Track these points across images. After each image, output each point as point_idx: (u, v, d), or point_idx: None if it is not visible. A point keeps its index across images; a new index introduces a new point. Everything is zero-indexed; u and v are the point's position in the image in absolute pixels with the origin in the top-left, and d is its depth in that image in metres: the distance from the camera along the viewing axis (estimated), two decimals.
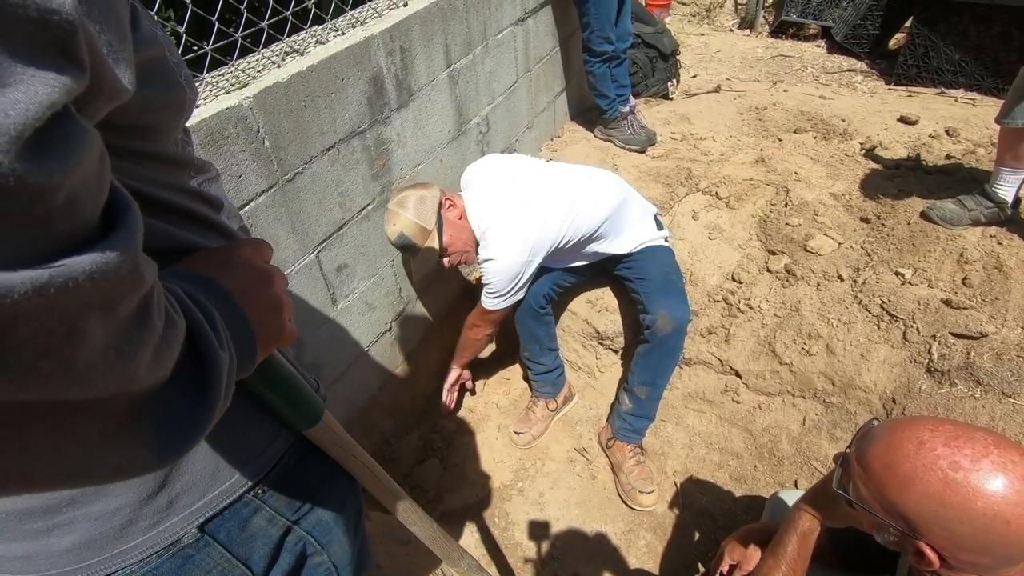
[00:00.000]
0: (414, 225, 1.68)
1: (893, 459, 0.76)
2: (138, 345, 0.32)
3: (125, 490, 0.53)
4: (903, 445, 0.76)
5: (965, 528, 0.71)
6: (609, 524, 1.95)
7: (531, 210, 1.71)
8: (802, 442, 1.96)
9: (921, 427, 0.77)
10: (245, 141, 1.31)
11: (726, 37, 4.87)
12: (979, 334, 1.73)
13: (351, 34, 1.59)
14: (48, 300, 0.26)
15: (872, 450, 0.80)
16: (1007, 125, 1.82)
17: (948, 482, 0.71)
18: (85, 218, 0.29)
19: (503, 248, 1.69)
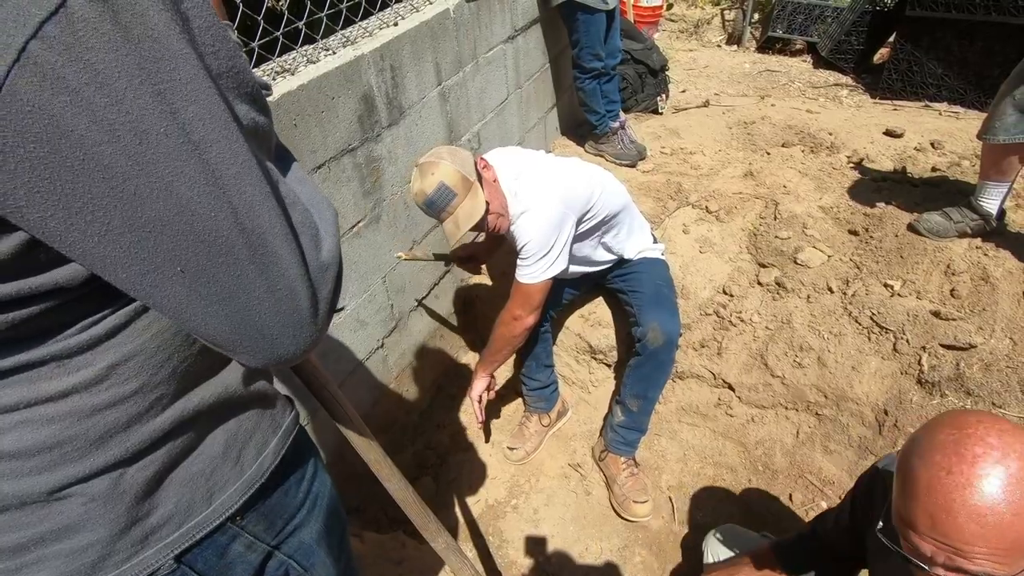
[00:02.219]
0: (457, 174, 1.50)
1: (1007, 530, 0.70)
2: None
3: (97, 526, 0.53)
4: (938, 489, 0.73)
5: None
6: (605, 541, 1.93)
7: (560, 170, 1.69)
8: (796, 455, 1.96)
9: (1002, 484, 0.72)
10: None
11: (714, 53, 4.94)
12: (968, 345, 1.74)
13: (342, 53, 1.61)
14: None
15: (921, 519, 0.74)
16: (988, 141, 1.85)
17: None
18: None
19: (538, 201, 1.60)
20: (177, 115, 0.39)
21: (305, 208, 0.53)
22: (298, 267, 0.49)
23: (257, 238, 0.45)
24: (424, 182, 1.50)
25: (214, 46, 0.42)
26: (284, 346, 0.50)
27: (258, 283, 0.46)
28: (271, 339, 0.49)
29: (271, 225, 0.46)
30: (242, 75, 0.46)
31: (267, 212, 0.46)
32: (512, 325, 1.73)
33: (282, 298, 0.48)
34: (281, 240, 0.47)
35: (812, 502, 1.88)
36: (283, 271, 0.47)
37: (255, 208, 0.44)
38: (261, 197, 0.45)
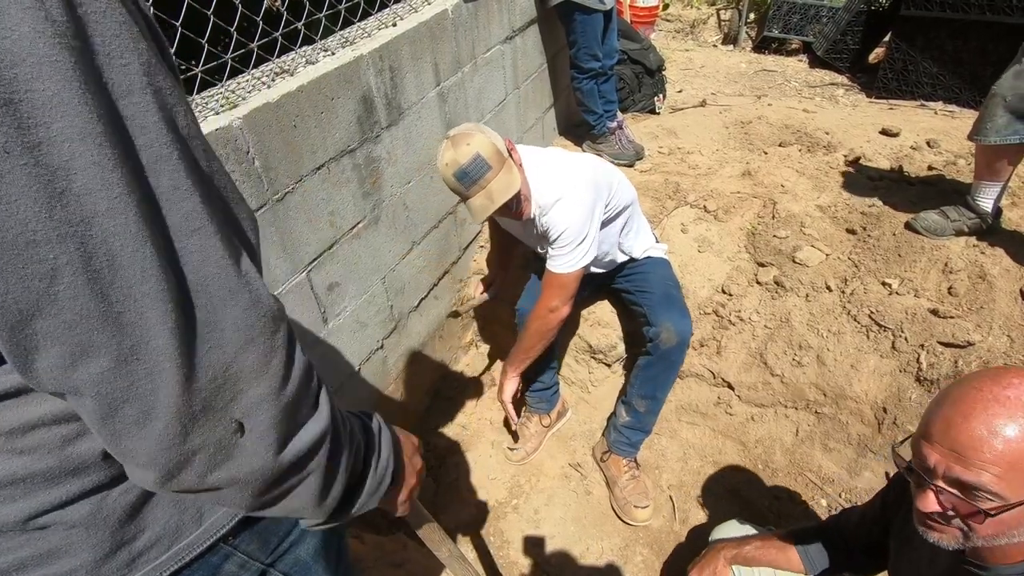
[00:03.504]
0: (492, 146, 1.46)
1: (986, 422, 0.76)
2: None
3: (80, 551, 0.52)
4: (964, 399, 0.78)
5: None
6: (605, 540, 1.93)
7: (579, 159, 1.71)
8: (795, 453, 1.97)
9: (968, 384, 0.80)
10: (235, 161, 1.31)
11: (710, 53, 4.96)
12: (966, 343, 1.75)
13: (341, 54, 1.60)
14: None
15: (1006, 448, 0.76)
16: (979, 142, 1.86)
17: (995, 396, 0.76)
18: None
19: (570, 188, 1.58)
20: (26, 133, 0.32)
21: (252, 305, 0.44)
22: (169, 350, 0.39)
23: (117, 289, 0.37)
24: (458, 152, 1.44)
25: (123, 58, 0.37)
26: (129, 448, 0.41)
27: (108, 345, 0.38)
28: (113, 427, 0.40)
29: (139, 280, 0.37)
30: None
31: (137, 263, 0.37)
32: (548, 318, 1.71)
33: (136, 380, 0.39)
34: (152, 303, 0.38)
35: (812, 500, 1.89)
36: (145, 343, 0.38)
37: (117, 254, 0.36)
38: (132, 240, 0.37)
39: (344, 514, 0.60)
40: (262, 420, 0.46)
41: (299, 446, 0.50)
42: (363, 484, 0.61)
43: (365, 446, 0.62)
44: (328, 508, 0.56)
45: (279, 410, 0.47)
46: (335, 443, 0.54)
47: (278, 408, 0.47)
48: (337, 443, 0.55)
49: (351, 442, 0.58)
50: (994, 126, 1.79)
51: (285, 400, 0.48)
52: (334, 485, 0.55)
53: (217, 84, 1.41)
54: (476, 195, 1.49)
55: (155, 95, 0.38)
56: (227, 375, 0.43)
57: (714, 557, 1.37)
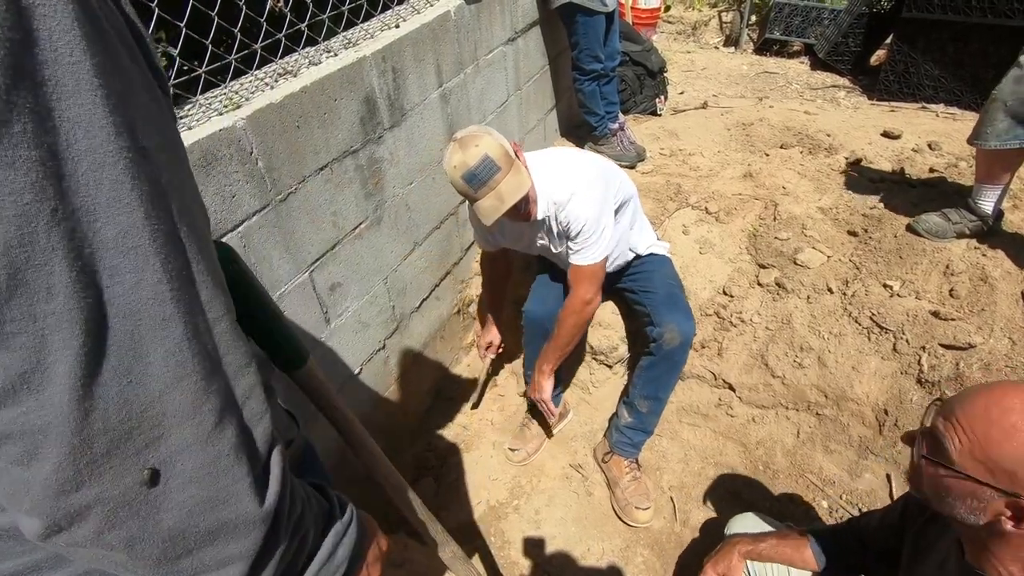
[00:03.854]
0: (501, 148, 1.46)
1: (996, 414, 0.78)
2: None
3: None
4: (1007, 400, 0.79)
5: None
6: (606, 541, 1.93)
7: (580, 155, 1.73)
8: (796, 455, 1.97)
9: (1005, 383, 0.81)
10: (238, 162, 1.31)
11: (712, 54, 4.96)
12: (967, 345, 1.75)
13: (344, 55, 1.61)
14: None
15: (970, 410, 0.81)
16: (979, 146, 1.86)
17: None
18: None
19: (582, 181, 1.62)
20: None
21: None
22: (69, 381, 0.34)
23: (14, 308, 0.32)
24: (467, 154, 1.43)
25: (73, 55, 0.34)
26: (11, 492, 0.36)
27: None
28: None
29: (43, 298, 0.33)
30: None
31: (42, 279, 0.33)
32: (584, 311, 1.73)
33: (25, 411, 0.34)
34: (56, 325, 0.33)
35: (813, 501, 1.89)
36: (41, 370, 0.33)
37: (20, 268, 0.32)
38: (40, 253, 0.32)
39: None
40: (182, 471, 0.40)
41: (224, 515, 0.43)
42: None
43: (315, 543, 0.54)
44: None
45: (205, 463, 0.41)
46: (273, 531, 0.47)
47: (204, 460, 0.41)
48: (276, 533, 0.47)
49: (295, 535, 0.50)
50: (994, 131, 1.79)
51: (215, 451, 0.42)
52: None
53: (221, 85, 1.41)
54: (485, 197, 1.48)
55: (107, 98, 0.35)
56: (144, 416, 0.38)
57: (729, 551, 1.36)
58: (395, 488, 0.91)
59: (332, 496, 0.60)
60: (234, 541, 0.44)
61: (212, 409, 0.42)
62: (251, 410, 0.46)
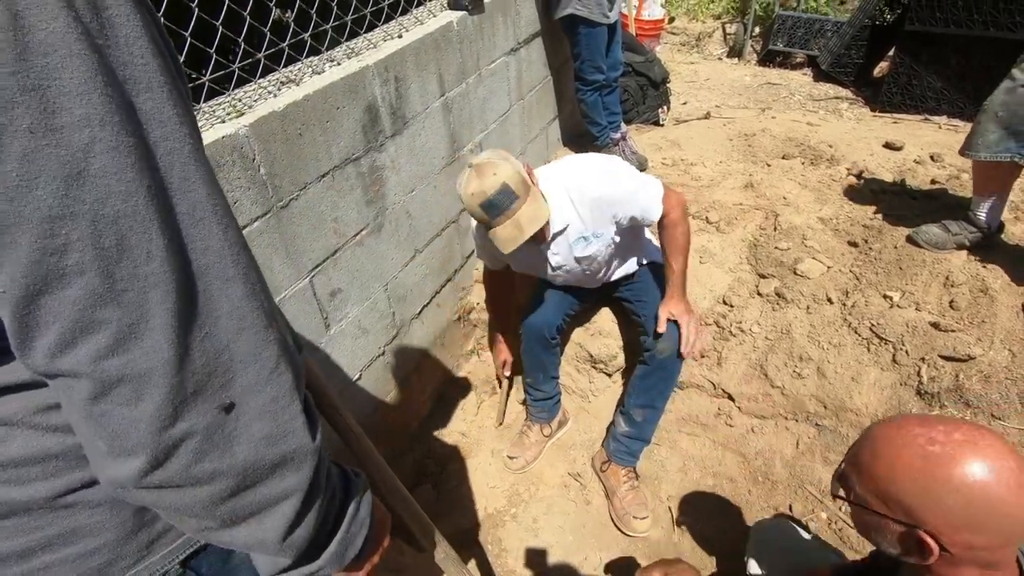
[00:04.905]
0: (518, 175, 1.44)
1: (878, 447, 0.83)
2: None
3: (103, 530, 0.53)
4: (884, 433, 0.83)
5: (951, 500, 0.75)
6: (604, 551, 1.92)
7: (577, 159, 1.78)
8: (795, 466, 1.96)
9: (896, 417, 0.85)
10: (241, 168, 1.33)
11: (715, 65, 4.99)
12: (967, 356, 1.75)
13: (346, 65, 1.63)
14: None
15: (862, 447, 0.86)
16: (970, 157, 1.87)
17: (927, 456, 0.77)
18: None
19: (588, 165, 1.69)
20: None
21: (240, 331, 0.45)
22: (167, 332, 0.41)
23: (123, 268, 0.39)
24: (484, 182, 1.41)
25: (143, 58, 0.40)
26: (117, 431, 0.42)
27: (108, 322, 0.39)
28: (103, 407, 0.41)
29: (144, 260, 0.39)
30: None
31: (143, 245, 0.39)
32: (684, 222, 1.74)
33: (132, 359, 0.40)
34: (155, 284, 0.40)
35: (812, 513, 1.88)
36: (145, 322, 0.40)
37: (126, 234, 0.38)
38: (141, 222, 0.39)
39: (303, 564, 0.56)
40: (252, 406, 0.47)
41: (285, 448, 0.49)
42: (331, 541, 0.58)
43: (343, 497, 0.60)
44: (293, 547, 0.53)
45: (268, 401, 0.48)
46: (318, 472, 0.53)
47: (267, 398, 0.48)
48: (319, 473, 0.53)
49: (329, 483, 0.57)
50: (985, 142, 1.80)
51: (275, 391, 0.48)
52: (305, 520, 0.53)
53: (224, 93, 1.43)
54: (502, 224, 1.46)
55: (171, 93, 0.41)
56: (219, 361, 0.44)
57: None
58: (387, 485, 0.92)
59: (343, 465, 0.66)
60: (292, 473, 0.50)
61: (271, 356, 0.48)
62: (295, 358, 0.52)
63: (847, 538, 1.77)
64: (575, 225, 1.71)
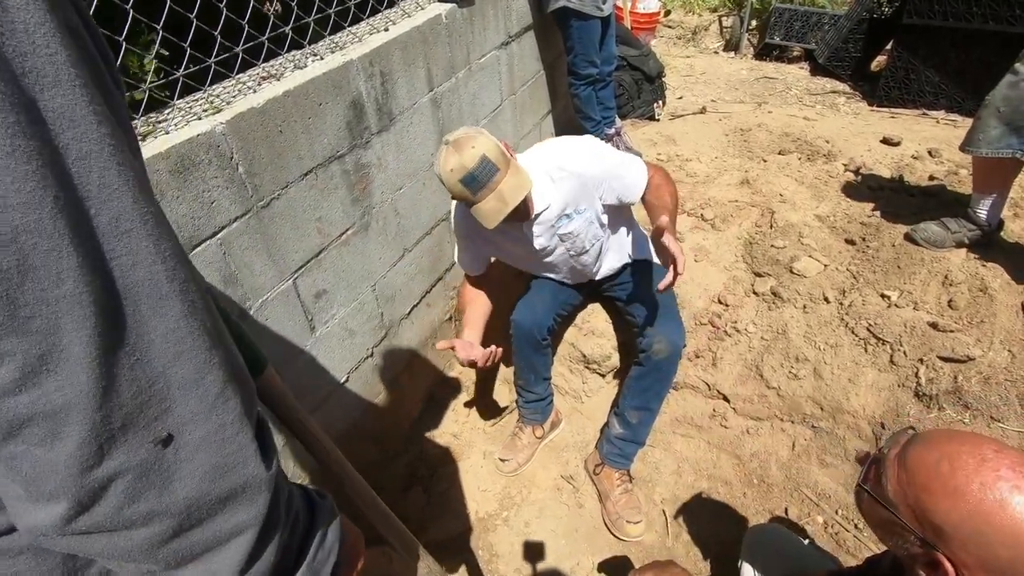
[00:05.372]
0: (497, 148, 1.42)
1: (946, 468, 0.74)
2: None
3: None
4: (961, 456, 0.74)
5: (1005, 553, 0.69)
6: (596, 555, 1.89)
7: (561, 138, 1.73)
8: (791, 468, 1.93)
9: (984, 445, 0.74)
10: (218, 167, 1.28)
11: (711, 59, 4.93)
12: (966, 357, 1.71)
13: (330, 59, 1.58)
14: None
15: (921, 454, 0.77)
16: (971, 153, 1.83)
17: (1005, 505, 0.69)
18: None
19: (573, 142, 1.65)
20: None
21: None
22: (86, 360, 0.36)
23: (27, 292, 0.33)
24: (463, 156, 1.38)
25: (49, 47, 0.35)
26: (34, 475, 0.37)
27: (12, 354, 0.34)
28: (14, 449, 0.36)
29: (54, 283, 0.34)
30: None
31: (52, 264, 0.34)
32: (670, 184, 1.68)
33: (45, 393, 0.35)
34: (68, 308, 0.35)
35: (808, 516, 1.85)
36: (57, 351, 0.35)
37: (28, 254, 0.33)
38: (47, 239, 0.34)
39: None
40: (193, 437, 0.42)
41: (234, 481, 0.45)
42: (296, 571, 0.54)
43: (307, 524, 0.56)
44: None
45: (212, 430, 0.43)
46: (275, 503, 0.48)
47: (211, 428, 0.43)
48: (276, 504, 0.49)
49: (290, 512, 0.52)
50: (986, 137, 1.76)
51: (220, 419, 0.43)
52: (263, 556, 0.48)
53: (201, 89, 1.38)
54: (485, 199, 1.43)
55: (85, 89, 0.36)
56: (152, 390, 0.40)
57: None
58: (366, 501, 0.88)
59: (308, 488, 0.62)
60: (243, 507, 0.46)
61: (214, 381, 0.43)
62: (246, 381, 0.48)
63: (844, 542, 1.74)
64: (556, 204, 1.67)
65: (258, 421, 0.49)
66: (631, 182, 1.65)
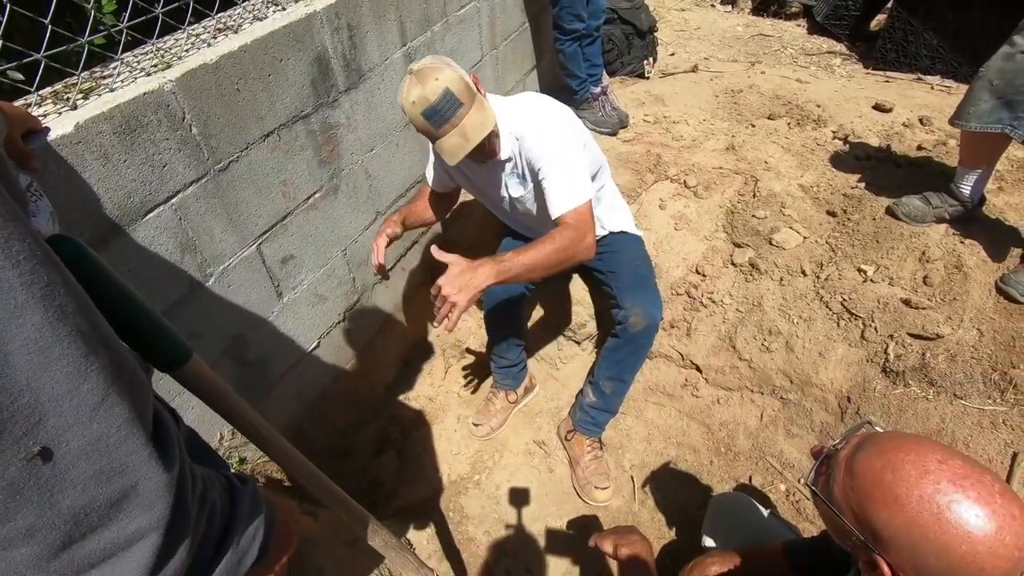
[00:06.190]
0: (462, 81, 1.34)
1: (889, 478, 0.74)
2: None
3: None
4: (904, 467, 0.74)
5: (938, 564, 0.70)
6: (564, 519, 1.94)
7: (550, 99, 1.60)
8: (759, 438, 1.96)
9: (929, 454, 0.74)
10: (168, 128, 1.21)
11: (707, 13, 4.75)
12: (935, 335, 1.72)
13: (292, 10, 1.48)
14: None
15: (868, 460, 0.78)
16: (960, 127, 1.78)
17: (939, 518, 0.69)
18: None
19: (543, 112, 1.50)
20: None
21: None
22: None
23: None
24: (426, 88, 1.30)
25: None
26: None
27: None
28: None
29: None
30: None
31: None
32: (575, 248, 1.42)
33: None
34: None
35: (771, 484, 1.89)
36: None
37: None
38: None
39: None
40: (72, 448, 0.39)
41: (124, 482, 0.42)
42: (219, 560, 0.54)
43: (226, 515, 0.55)
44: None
45: (92, 440, 0.40)
46: (180, 503, 0.47)
47: (91, 437, 0.40)
48: (182, 504, 0.47)
49: (204, 507, 0.51)
50: (977, 111, 1.71)
51: (103, 428, 0.41)
52: (176, 554, 0.47)
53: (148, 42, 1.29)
54: (448, 134, 1.37)
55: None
56: (16, 405, 0.36)
57: (701, 573, 1.34)
58: (312, 482, 0.87)
59: (230, 475, 0.61)
60: (141, 513, 0.44)
61: (93, 388, 0.40)
62: (135, 383, 0.45)
63: (804, 510, 1.79)
64: (515, 161, 1.60)
65: (157, 421, 0.47)
66: (561, 198, 1.44)
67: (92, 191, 1.11)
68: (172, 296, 1.34)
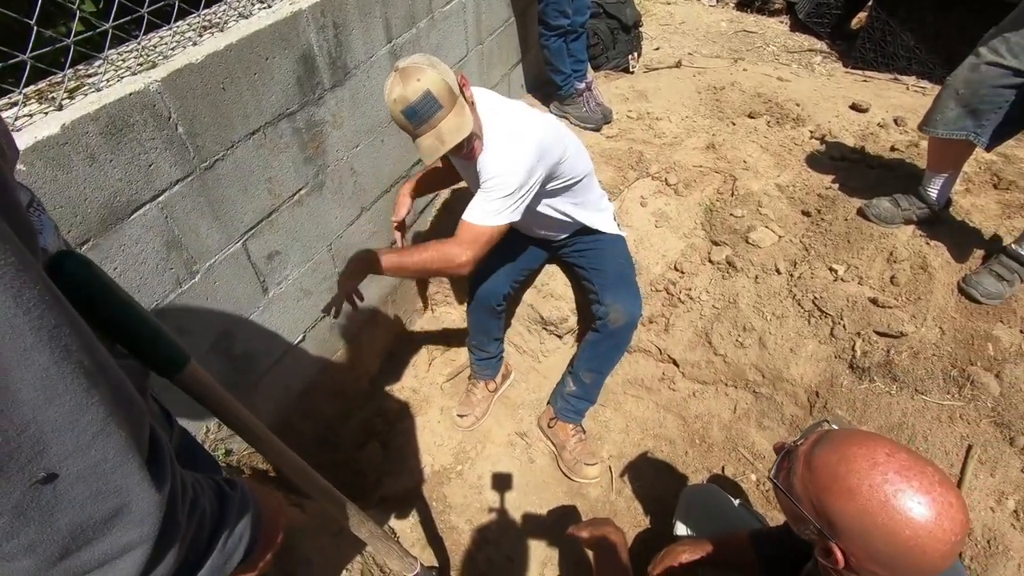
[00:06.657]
0: (444, 84, 1.36)
1: (843, 470, 0.81)
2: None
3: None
4: (856, 460, 0.81)
5: (886, 548, 0.77)
6: (544, 508, 2.00)
7: (537, 117, 1.61)
8: (732, 430, 2.04)
9: (878, 448, 0.81)
10: (155, 128, 1.23)
11: (692, 8, 4.77)
12: (900, 333, 1.80)
13: (278, 7, 1.49)
14: None
15: (824, 455, 0.84)
16: (928, 133, 1.85)
17: (887, 507, 0.77)
18: None
19: (512, 137, 1.50)
20: None
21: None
22: None
23: None
24: (407, 88, 1.34)
25: None
26: None
27: None
28: None
29: None
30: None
31: None
32: (447, 262, 1.51)
33: None
34: None
35: (743, 474, 1.97)
36: None
37: None
38: None
39: None
40: (72, 471, 0.42)
41: (117, 502, 0.45)
42: (205, 561, 0.57)
43: (215, 518, 0.59)
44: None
45: (94, 463, 0.44)
46: (170, 518, 0.50)
47: (89, 463, 0.43)
48: (172, 517, 0.50)
49: (193, 516, 0.54)
50: (943, 118, 1.78)
51: (100, 454, 0.44)
52: (164, 560, 0.50)
53: (133, 39, 1.29)
54: (425, 135, 1.40)
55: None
56: (23, 436, 0.39)
57: (671, 559, 1.40)
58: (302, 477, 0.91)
59: (220, 479, 0.65)
60: (132, 528, 0.47)
61: (92, 420, 0.43)
62: (133, 410, 0.48)
63: (772, 500, 1.87)
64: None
65: (152, 440, 0.50)
66: (472, 204, 1.53)
67: (78, 191, 1.12)
68: (159, 293, 1.35)
